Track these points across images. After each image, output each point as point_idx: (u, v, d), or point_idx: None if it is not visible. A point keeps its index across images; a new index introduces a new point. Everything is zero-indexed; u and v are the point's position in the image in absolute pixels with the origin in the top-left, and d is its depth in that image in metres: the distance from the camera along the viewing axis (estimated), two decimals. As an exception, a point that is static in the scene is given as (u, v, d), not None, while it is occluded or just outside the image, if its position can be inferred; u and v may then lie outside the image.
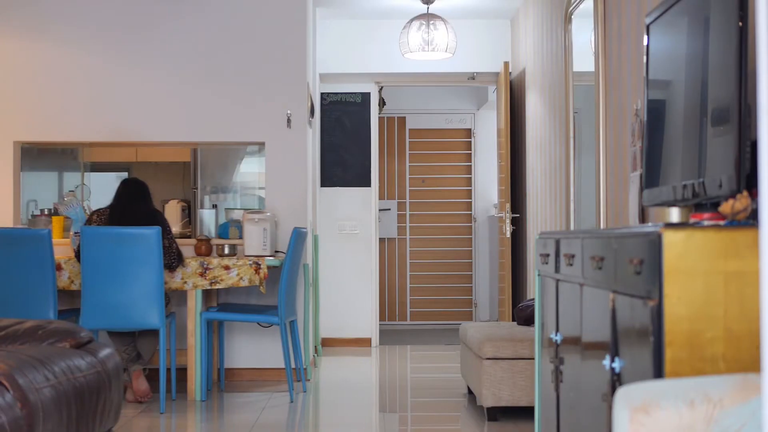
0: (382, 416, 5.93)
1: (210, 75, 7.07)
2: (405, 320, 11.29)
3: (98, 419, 3.56)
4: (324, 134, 9.14)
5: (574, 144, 5.91)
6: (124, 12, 7.09)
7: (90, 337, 3.87)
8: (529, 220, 7.69)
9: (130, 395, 6.06)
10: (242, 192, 8.83)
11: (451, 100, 11.45)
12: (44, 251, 5.83)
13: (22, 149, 7.19)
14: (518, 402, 5.33)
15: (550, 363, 3.66)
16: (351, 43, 8.88)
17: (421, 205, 11.41)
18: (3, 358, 3.07)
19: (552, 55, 6.71)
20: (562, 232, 3.52)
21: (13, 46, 7.07)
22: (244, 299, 6.96)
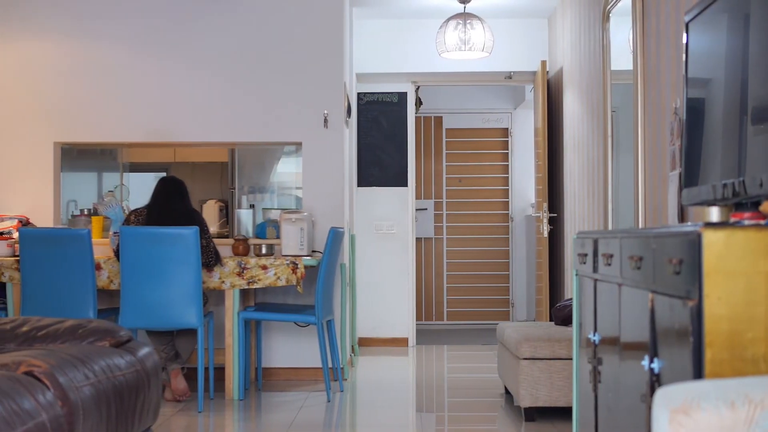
0: (419, 416, 5.93)
1: (248, 75, 7.11)
2: (442, 320, 11.27)
3: (137, 418, 3.59)
4: (361, 134, 9.15)
5: (612, 143, 5.88)
6: (163, 13, 7.14)
7: (129, 336, 3.89)
8: (567, 220, 7.66)
9: (168, 394, 6.09)
10: (279, 192, 8.86)
11: (488, 99, 11.42)
12: (84, 251, 5.88)
13: (62, 150, 7.26)
14: (556, 402, 5.30)
15: (588, 363, 3.63)
16: (388, 42, 8.88)
17: (457, 205, 11.38)
18: (44, 357, 3.10)
19: (590, 53, 6.67)
20: (600, 232, 3.50)
21: (53, 48, 7.14)
22: (282, 299, 6.98)
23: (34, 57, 7.13)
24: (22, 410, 2.65)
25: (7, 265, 6.15)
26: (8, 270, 6.14)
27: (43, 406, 2.78)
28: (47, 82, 7.13)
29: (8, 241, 6.41)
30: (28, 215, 6.93)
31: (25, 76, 7.13)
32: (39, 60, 7.13)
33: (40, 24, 7.14)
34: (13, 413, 2.59)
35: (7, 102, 7.12)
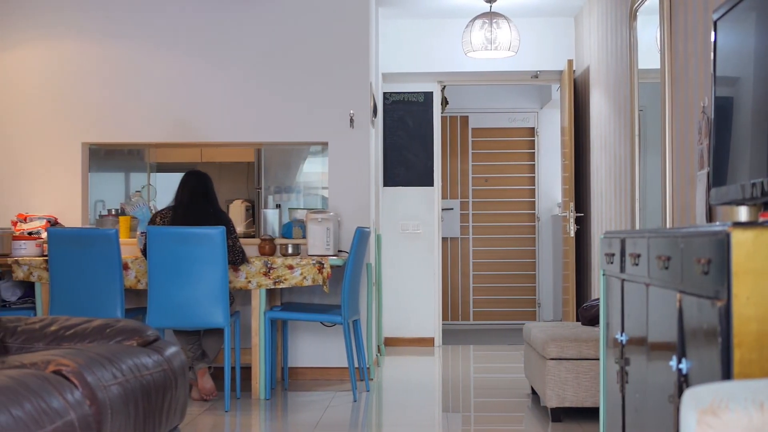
0: (445, 416, 5.92)
1: (274, 75, 7.12)
2: (468, 320, 11.26)
3: (164, 417, 3.60)
4: (387, 134, 9.15)
5: (640, 142, 5.85)
6: (190, 14, 7.17)
7: (156, 336, 3.91)
8: (594, 220, 7.62)
9: (195, 393, 6.12)
10: (305, 192, 8.88)
11: (514, 98, 11.39)
12: (112, 251, 5.92)
13: (89, 150, 7.31)
14: (583, 403, 5.28)
15: (615, 363, 3.62)
16: (413, 42, 8.88)
17: (484, 205, 11.36)
18: (72, 356, 3.11)
19: (617, 52, 6.64)
20: (627, 232, 3.48)
21: (80, 49, 7.18)
22: (308, 298, 6.99)
23: (62, 58, 7.18)
24: (50, 409, 2.67)
25: (35, 264, 6.19)
26: (37, 270, 6.19)
27: (71, 405, 2.80)
28: (75, 83, 7.17)
29: (37, 241, 6.46)
30: (56, 215, 6.98)
31: (53, 77, 7.18)
32: (67, 61, 7.18)
33: (67, 25, 7.19)
34: (41, 412, 2.61)
35: (35, 103, 7.17)
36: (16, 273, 6.20)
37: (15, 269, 6.20)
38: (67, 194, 7.10)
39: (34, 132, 7.16)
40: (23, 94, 7.18)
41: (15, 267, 6.21)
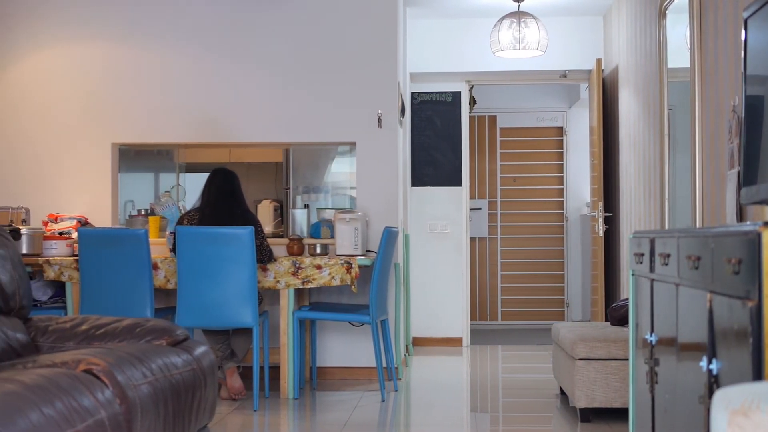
0: (474, 416, 5.91)
1: (302, 76, 7.14)
2: (496, 320, 11.23)
3: (194, 416, 3.62)
4: (415, 134, 9.15)
5: (669, 141, 5.81)
6: (217, 14, 7.20)
7: (186, 335, 3.93)
8: (623, 219, 7.59)
9: (224, 392, 6.14)
10: (334, 192, 8.89)
11: (543, 98, 11.36)
12: (141, 251, 5.95)
13: (119, 151, 7.35)
14: (612, 403, 5.26)
15: (644, 364, 3.60)
16: (441, 42, 8.87)
17: (512, 204, 11.34)
18: (102, 356, 3.14)
19: (646, 51, 6.60)
20: (656, 231, 3.47)
21: (110, 50, 7.23)
22: (336, 298, 7.00)
23: (92, 60, 7.23)
24: (81, 408, 2.69)
25: (66, 264, 6.24)
26: (68, 269, 6.23)
27: (101, 403, 2.82)
28: (105, 84, 7.22)
29: (67, 241, 6.50)
30: (86, 215, 7.03)
31: (83, 79, 7.23)
32: (97, 62, 7.23)
33: (97, 27, 7.24)
34: (72, 411, 2.63)
35: (65, 104, 7.22)
36: (47, 273, 6.25)
37: (46, 269, 6.26)
38: (97, 194, 7.15)
39: (64, 133, 7.21)
40: (54, 95, 7.24)
41: (46, 267, 6.26)
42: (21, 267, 3.88)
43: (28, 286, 3.90)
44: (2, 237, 3.85)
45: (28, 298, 3.90)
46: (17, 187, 7.17)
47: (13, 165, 7.21)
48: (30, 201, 7.12)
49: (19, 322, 3.83)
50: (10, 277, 3.76)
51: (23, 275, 3.88)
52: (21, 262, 3.90)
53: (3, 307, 3.73)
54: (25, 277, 3.90)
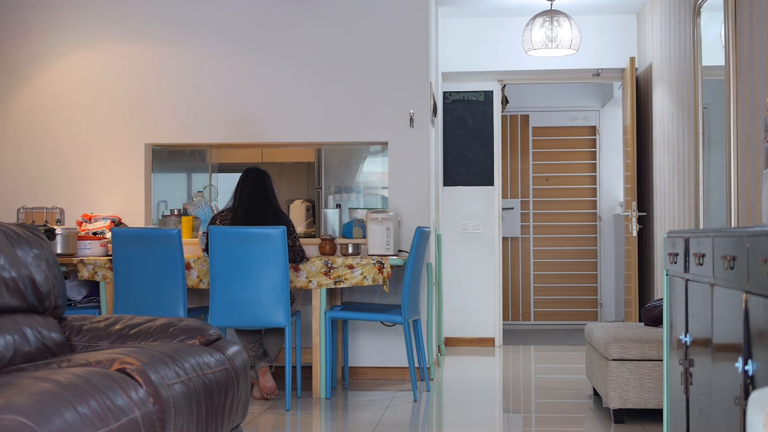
0: (506, 416, 5.89)
1: (334, 76, 7.15)
2: (529, 320, 11.19)
3: (226, 415, 3.63)
4: (447, 133, 9.13)
5: (704, 140, 5.77)
6: (250, 15, 7.22)
7: (218, 335, 3.94)
8: (657, 219, 7.53)
9: (256, 392, 6.16)
10: (365, 191, 8.89)
11: (575, 97, 11.30)
12: (174, 251, 5.98)
13: (152, 151, 7.40)
14: (646, 404, 5.22)
15: (679, 365, 3.57)
16: (473, 41, 8.85)
17: (544, 204, 11.29)
18: (136, 355, 3.15)
19: (680, 49, 6.55)
20: (691, 231, 3.44)
21: (143, 51, 7.27)
22: (368, 298, 7.00)
23: (125, 61, 7.28)
24: (115, 406, 2.70)
25: (100, 264, 6.28)
26: (101, 269, 6.28)
27: (135, 402, 2.84)
28: (138, 85, 7.26)
29: (101, 241, 6.55)
30: (120, 215, 7.08)
31: (116, 80, 7.28)
32: (130, 63, 7.27)
33: (130, 28, 7.28)
34: (107, 409, 2.64)
35: (99, 105, 7.27)
36: (82, 272, 6.30)
37: (80, 269, 6.30)
38: (130, 195, 7.20)
39: (98, 134, 7.26)
40: (88, 96, 7.29)
41: (80, 266, 6.30)
42: (56, 267, 3.91)
43: (62, 286, 3.93)
44: (37, 237, 3.88)
45: (62, 298, 3.93)
46: (52, 187, 7.24)
47: (47, 166, 7.28)
48: (64, 201, 7.18)
49: (54, 321, 3.86)
50: (45, 276, 3.79)
51: (58, 275, 3.91)
52: (56, 261, 3.93)
53: (38, 307, 3.76)
54: (60, 276, 3.93)
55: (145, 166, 7.26)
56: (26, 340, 3.53)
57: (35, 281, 3.72)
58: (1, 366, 3.29)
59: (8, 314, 3.52)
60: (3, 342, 3.35)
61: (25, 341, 3.52)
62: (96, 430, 2.53)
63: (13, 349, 3.40)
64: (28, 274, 3.67)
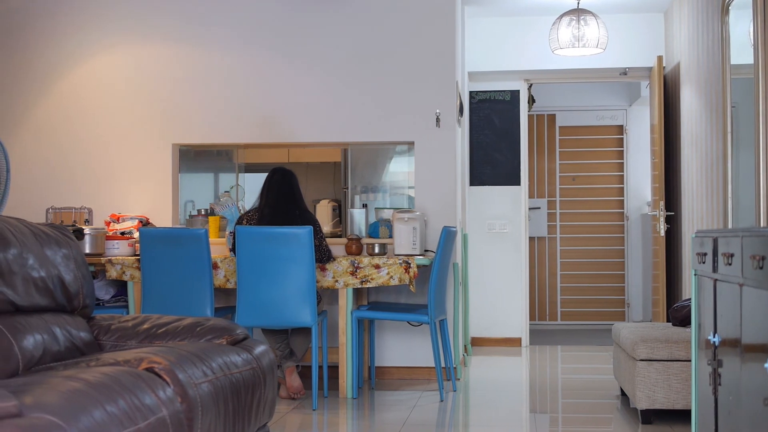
0: (533, 417, 5.88)
1: (360, 75, 7.15)
2: (555, 320, 11.16)
3: (253, 415, 3.64)
4: (473, 133, 9.12)
5: (732, 139, 5.73)
6: (277, 16, 7.24)
7: (245, 335, 3.95)
8: (685, 218, 7.49)
9: (283, 392, 6.18)
10: (392, 191, 8.89)
11: (602, 96, 11.25)
12: (201, 250, 6.00)
13: (180, 151, 7.43)
14: (674, 405, 5.19)
15: (707, 365, 3.55)
16: (500, 40, 8.83)
17: (571, 204, 11.25)
18: (164, 354, 3.17)
19: (708, 47, 6.51)
20: (719, 231, 3.41)
21: (170, 52, 7.31)
22: (394, 298, 7.00)
23: (153, 61, 7.31)
24: (143, 405, 2.72)
25: (128, 264, 6.32)
26: (129, 269, 6.31)
27: (163, 401, 2.85)
28: (165, 85, 7.30)
29: (129, 241, 6.58)
30: (148, 215, 7.11)
31: (144, 81, 7.32)
32: (157, 64, 7.31)
33: (156, 29, 7.32)
34: (135, 408, 2.66)
35: (127, 106, 7.32)
36: (110, 272, 6.34)
37: (108, 268, 6.34)
38: (158, 195, 7.23)
39: (126, 134, 7.31)
40: (115, 97, 7.33)
41: (108, 266, 6.34)
42: (84, 266, 3.93)
43: (91, 286, 3.95)
44: (66, 237, 3.90)
45: (91, 297, 3.95)
46: (80, 187, 7.28)
47: (76, 166, 7.32)
48: (93, 201, 7.23)
49: (83, 320, 3.88)
50: (73, 276, 3.81)
51: (86, 274, 3.93)
52: (84, 261, 3.95)
53: (67, 306, 3.78)
54: (89, 276, 3.96)
55: (173, 166, 7.29)
56: (55, 340, 3.56)
57: (64, 281, 3.74)
58: (31, 365, 3.31)
59: (37, 314, 3.55)
60: (32, 341, 3.37)
61: (54, 340, 3.55)
62: (124, 429, 2.55)
63: (42, 348, 3.43)
64: (57, 273, 3.70)
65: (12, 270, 3.39)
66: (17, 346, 3.27)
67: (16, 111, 7.41)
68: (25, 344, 3.32)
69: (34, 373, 3.16)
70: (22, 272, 3.45)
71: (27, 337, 3.35)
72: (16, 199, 7.05)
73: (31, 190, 7.30)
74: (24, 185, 7.26)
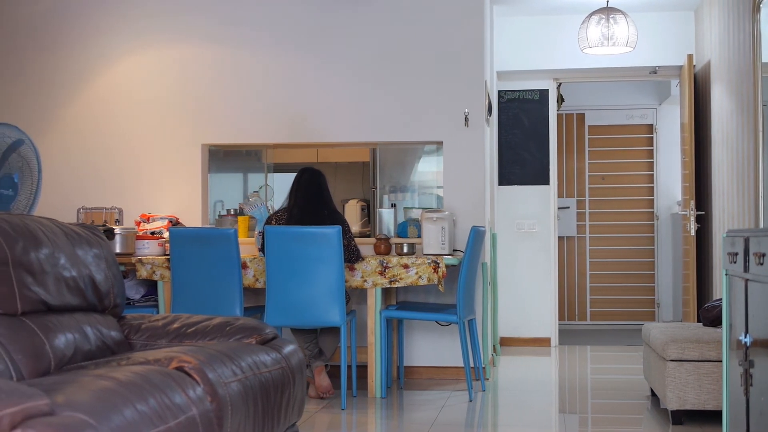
0: (562, 417, 5.86)
1: (388, 75, 7.15)
2: (585, 320, 11.11)
3: (282, 414, 3.65)
4: (502, 132, 9.10)
5: (764, 138, 5.68)
6: (304, 16, 7.25)
7: (274, 334, 3.96)
8: (715, 218, 7.44)
9: (312, 391, 6.19)
10: (420, 191, 8.89)
11: (632, 95, 11.19)
12: (231, 250, 6.02)
13: (209, 152, 7.46)
14: (704, 406, 5.16)
15: (738, 366, 3.52)
16: (528, 39, 8.80)
17: (601, 203, 11.20)
18: (193, 353, 3.18)
19: (739, 46, 6.46)
20: (751, 230, 3.39)
21: (199, 52, 7.34)
22: (423, 298, 7.00)
23: (182, 62, 7.35)
24: (173, 404, 2.73)
25: (158, 263, 6.35)
26: (159, 268, 6.34)
27: (193, 400, 2.86)
28: (194, 86, 7.33)
29: (159, 241, 6.62)
30: (177, 215, 7.15)
31: (173, 81, 7.35)
32: (186, 65, 7.35)
33: (186, 29, 7.35)
34: (165, 407, 2.67)
35: (157, 107, 7.36)
36: (140, 272, 6.37)
37: (138, 268, 6.38)
38: (187, 195, 7.27)
39: (156, 135, 7.35)
40: (145, 98, 7.38)
41: (138, 266, 6.38)
42: (115, 266, 3.96)
43: (121, 285, 3.98)
44: (97, 237, 3.93)
45: (121, 297, 3.98)
46: (111, 187, 7.33)
47: (107, 166, 7.37)
48: (123, 201, 7.27)
49: (113, 320, 3.91)
50: (104, 276, 3.84)
51: (117, 274, 3.96)
52: (115, 261, 3.98)
53: (98, 306, 3.81)
54: (119, 276, 3.98)
55: (202, 166, 7.32)
56: (86, 339, 3.58)
57: (95, 280, 3.77)
58: (62, 364, 3.34)
59: (69, 313, 3.58)
60: (64, 340, 3.40)
61: (86, 339, 3.57)
62: (155, 427, 2.56)
63: (73, 347, 3.45)
64: (88, 273, 3.73)
65: (44, 270, 3.42)
66: (49, 345, 3.30)
67: (48, 112, 7.47)
68: (57, 343, 3.35)
69: (66, 371, 3.19)
70: (53, 272, 3.48)
71: (59, 336, 3.38)
72: (48, 200, 7.11)
73: (62, 190, 7.36)
74: (55, 185, 7.32)
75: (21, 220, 3.46)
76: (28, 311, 3.31)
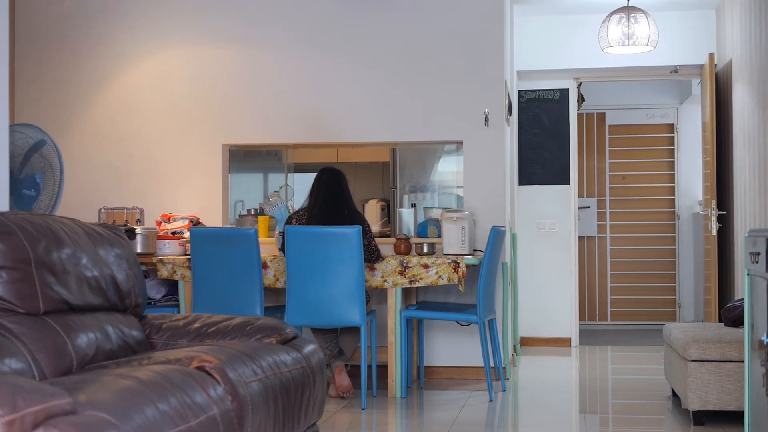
0: (583, 417, 5.84)
1: (408, 75, 7.15)
2: (605, 320, 11.08)
3: (303, 413, 3.66)
4: (522, 132, 9.08)
5: (786, 137, 5.65)
6: (324, 16, 7.26)
7: (295, 334, 3.97)
8: (737, 217, 7.40)
9: (332, 391, 6.19)
10: (440, 191, 8.88)
11: (653, 94, 11.15)
12: (251, 250, 6.04)
13: (229, 152, 7.48)
14: (726, 406, 5.13)
15: (760, 366, 3.51)
16: (548, 39, 8.78)
17: (621, 203, 11.17)
18: (214, 353, 3.19)
19: (761, 44, 6.43)
20: (773, 230, 3.37)
21: (220, 53, 7.36)
22: (443, 297, 6.99)
23: (202, 62, 7.38)
24: (194, 404, 2.74)
25: (179, 263, 6.38)
26: (180, 268, 6.37)
27: (214, 400, 2.87)
28: (215, 86, 7.36)
29: (180, 241, 6.64)
30: (198, 215, 7.17)
31: (194, 82, 7.38)
32: (207, 65, 7.37)
33: (207, 30, 7.38)
34: (186, 407, 2.68)
35: (177, 107, 7.38)
36: (161, 271, 6.40)
37: (159, 268, 6.40)
38: (208, 195, 7.29)
39: (176, 135, 7.37)
40: (166, 98, 7.41)
41: (159, 265, 6.41)
42: (136, 266, 3.98)
43: (143, 285, 3.99)
44: (118, 237, 3.95)
45: (143, 296, 3.99)
46: (132, 188, 7.37)
47: (127, 166, 7.41)
48: (144, 201, 7.30)
49: (135, 319, 3.93)
50: (126, 275, 3.86)
51: (138, 274, 3.98)
52: (136, 261, 4.00)
53: (119, 305, 3.83)
54: (140, 275, 4.00)
55: (223, 166, 7.35)
56: (108, 338, 3.60)
57: (116, 280, 3.79)
58: (84, 363, 3.36)
59: (91, 312, 3.60)
60: (86, 339, 3.42)
61: (107, 339, 3.59)
62: (176, 426, 2.57)
63: (95, 346, 3.47)
64: (109, 273, 3.75)
65: (66, 269, 3.44)
66: (71, 344, 3.32)
67: (70, 112, 7.51)
68: (79, 342, 3.37)
69: (88, 371, 3.21)
70: (75, 271, 3.50)
71: (80, 336, 3.40)
72: (69, 200, 7.14)
73: (83, 190, 7.40)
74: (76, 186, 7.36)
75: (43, 220, 3.48)
76: (51, 311, 3.33)
